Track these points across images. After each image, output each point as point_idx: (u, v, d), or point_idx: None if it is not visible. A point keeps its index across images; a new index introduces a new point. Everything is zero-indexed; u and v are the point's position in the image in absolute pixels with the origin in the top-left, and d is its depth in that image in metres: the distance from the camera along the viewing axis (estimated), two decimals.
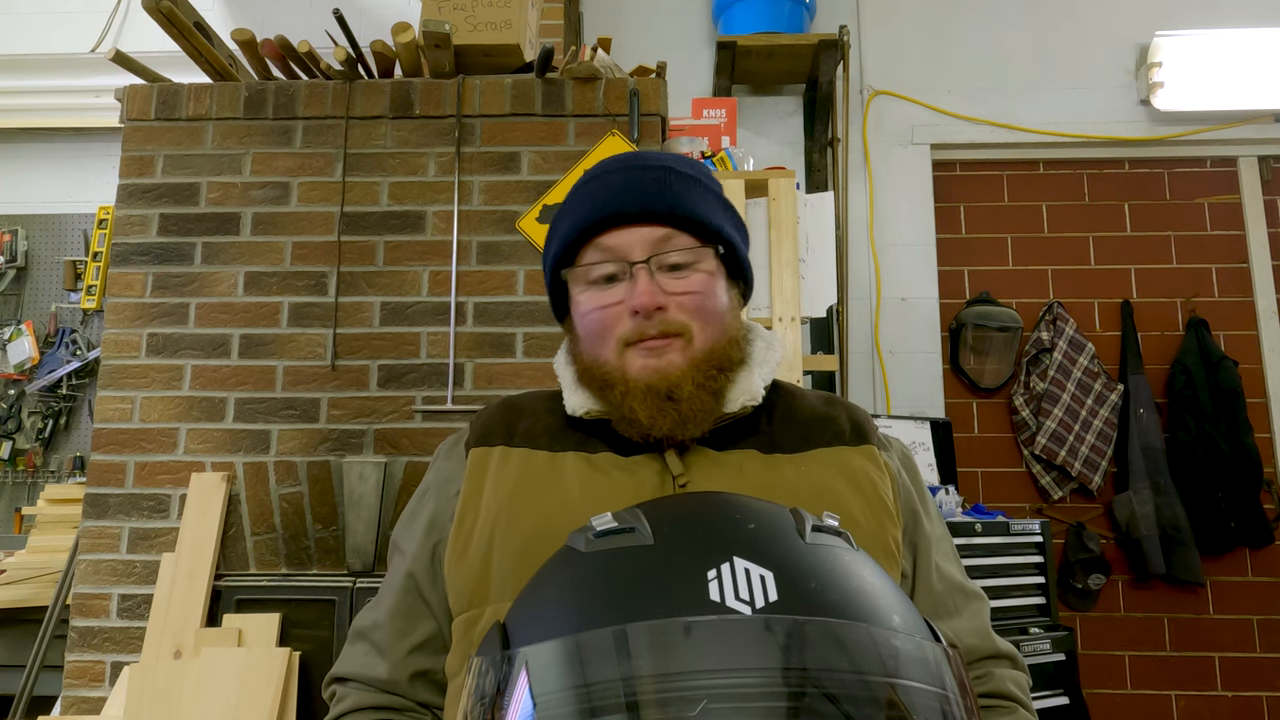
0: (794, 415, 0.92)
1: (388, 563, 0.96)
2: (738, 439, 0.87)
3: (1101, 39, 3.16)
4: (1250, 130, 3.08)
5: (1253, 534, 2.87)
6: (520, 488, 0.86)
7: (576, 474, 0.86)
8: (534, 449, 0.89)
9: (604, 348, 0.86)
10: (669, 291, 0.84)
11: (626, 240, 0.85)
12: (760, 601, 0.52)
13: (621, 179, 0.88)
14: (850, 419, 0.93)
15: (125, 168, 2.18)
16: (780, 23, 2.92)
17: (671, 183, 0.87)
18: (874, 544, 0.83)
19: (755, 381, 0.88)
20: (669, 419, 0.82)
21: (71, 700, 1.95)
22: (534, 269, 2.13)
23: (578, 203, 0.89)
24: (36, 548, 2.45)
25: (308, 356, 2.10)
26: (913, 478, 0.95)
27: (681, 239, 0.86)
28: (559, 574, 0.61)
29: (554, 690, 0.50)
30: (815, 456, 0.88)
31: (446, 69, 2.19)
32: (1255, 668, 2.87)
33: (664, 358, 0.84)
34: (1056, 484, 2.96)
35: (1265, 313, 3.06)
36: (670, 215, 0.85)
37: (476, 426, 0.94)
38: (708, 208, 0.88)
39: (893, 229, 3.06)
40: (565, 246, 0.89)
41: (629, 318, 0.84)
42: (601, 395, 0.87)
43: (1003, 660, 0.90)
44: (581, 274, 0.88)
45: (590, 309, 0.87)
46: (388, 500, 2.03)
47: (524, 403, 0.96)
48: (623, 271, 0.85)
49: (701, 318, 0.85)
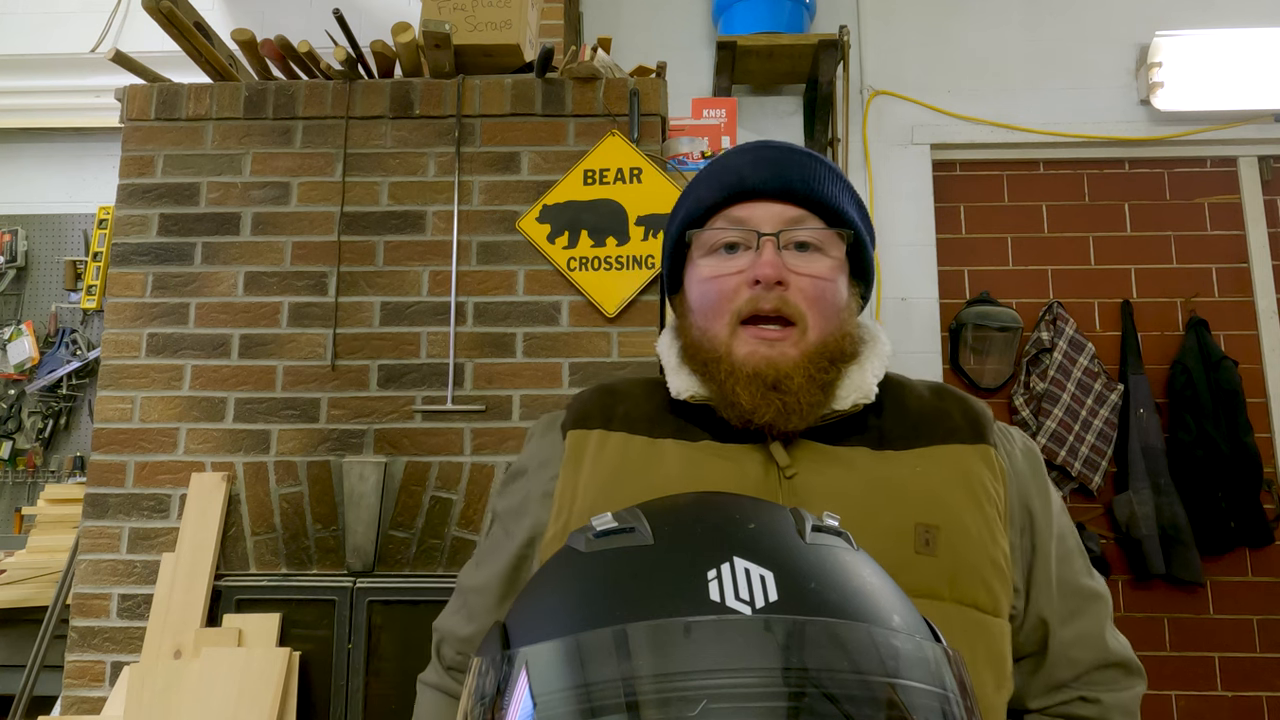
0: (904, 408, 0.88)
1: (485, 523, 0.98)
2: (845, 434, 0.84)
3: (1101, 39, 3.16)
4: (1250, 130, 3.08)
5: (1253, 534, 2.87)
6: (619, 472, 0.84)
7: (677, 460, 0.83)
8: (632, 433, 0.86)
9: (716, 320, 0.84)
10: (793, 270, 0.82)
11: (760, 214, 0.84)
12: (760, 601, 0.52)
13: (769, 155, 0.87)
14: (964, 413, 0.88)
15: (125, 168, 2.18)
16: (780, 23, 2.92)
17: (815, 169, 0.86)
18: (984, 557, 0.80)
19: (868, 378, 0.85)
20: (773, 408, 0.79)
21: (71, 700, 1.95)
22: (534, 269, 2.13)
23: (719, 172, 0.88)
24: (36, 548, 2.45)
25: (308, 356, 2.10)
26: (1034, 472, 0.89)
27: (813, 221, 0.85)
28: (559, 574, 0.61)
29: (554, 690, 0.50)
30: (928, 455, 0.83)
31: (446, 69, 2.19)
32: (1255, 668, 2.87)
33: (775, 348, 0.81)
34: (1056, 484, 2.96)
35: (1265, 313, 3.06)
36: (807, 198, 0.84)
37: (574, 409, 0.92)
38: (844, 200, 0.87)
39: (893, 229, 3.06)
40: (699, 211, 0.87)
41: (747, 289, 0.82)
42: (705, 375, 0.84)
43: (1113, 669, 0.86)
44: (709, 238, 0.86)
45: (709, 275, 0.85)
46: (388, 500, 2.03)
47: (621, 387, 0.94)
48: (749, 242, 0.84)
49: (819, 308, 0.83)
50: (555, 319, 2.11)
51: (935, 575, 0.78)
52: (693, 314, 0.87)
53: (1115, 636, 0.89)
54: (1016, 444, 0.90)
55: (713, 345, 0.83)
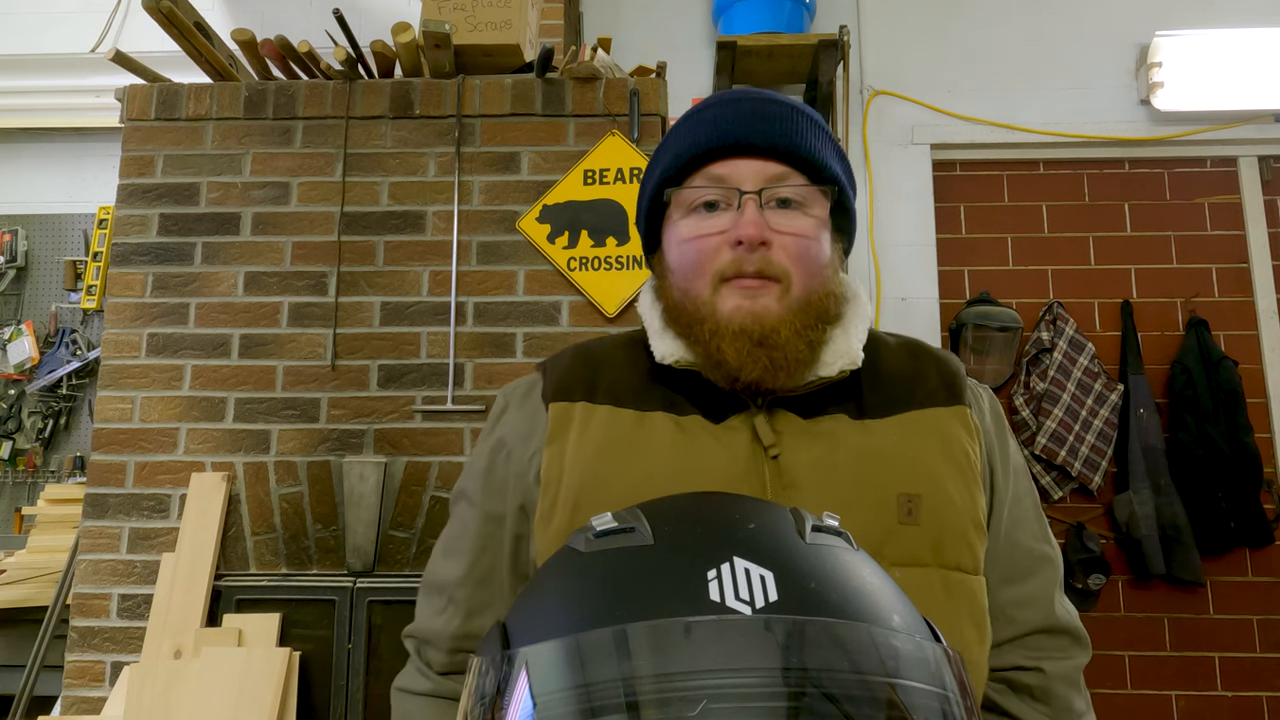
0: (881, 371, 0.86)
1: (452, 510, 0.92)
2: (826, 402, 0.82)
3: (1101, 39, 3.16)
4: (1250, 130, 3.08)
5: (1253, 534, 2.87)
6: (607, 450, 0.81)
7: (666, 439, 0.81)
8: (619, 406, 0.84)
9: (697, 280, 0.81)
10: (776, 229, 0.80)
11: (740, 170, 0.81)
12: (760, 601, 0.52)
13: (748, 109, 0.83)
14: (940, 374, 0.87)
15: (125, 168, 2.18)
16: (780, 23, 2.92)
17: (797, 121, 0.83)
18: (966, 520, 0.80)
19: (853, 343, 0.83)
20: (760, 364, 0.78)
21: (71, 700, 1.95)
22: (534, 269, 2.13)
23: (700, 124, 0.84)
24: (36, 548, 2.45)
25: (308, 356, 2.10)
26: (999, 431, 0.89)
27: (797, 178, 0.82)
28: (559, 574, 0.61)
29: (554, 690, 0.50)
30: (909, 420, 0.83)
31: (446, 69, 2.19)
32: (1255, 668, 2.87)
33: (758, 301, 0.79)
34: (1056, 484, 2.96)
35: (1265, 313, 3.06)
36: (791, 154, 0.81)
37: (553, 377, 0.89)
38: (828, 154, 0.84)
39: (893, 229, 3.06)
40: (676, 167, 0.84)
41: (729, 249, 0.80)
42: (689, 336, 0.82)
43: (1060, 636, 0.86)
44: (689, 196, 0.83)
45: (690, 236, 0.82)
46: (388, 500, 2.03)
47: (601, 352, 0.91)
48: (730, 201, 0.81)
49: (803, 265, 0.80)
50: (555, 319, 2.11)
51: (919, 543, 0.78)
52: (673, 274, 0.85)
53: (1064, 604, 0.88)
54: (985, 402, 0.90)
55: (695, 306, 0.81)
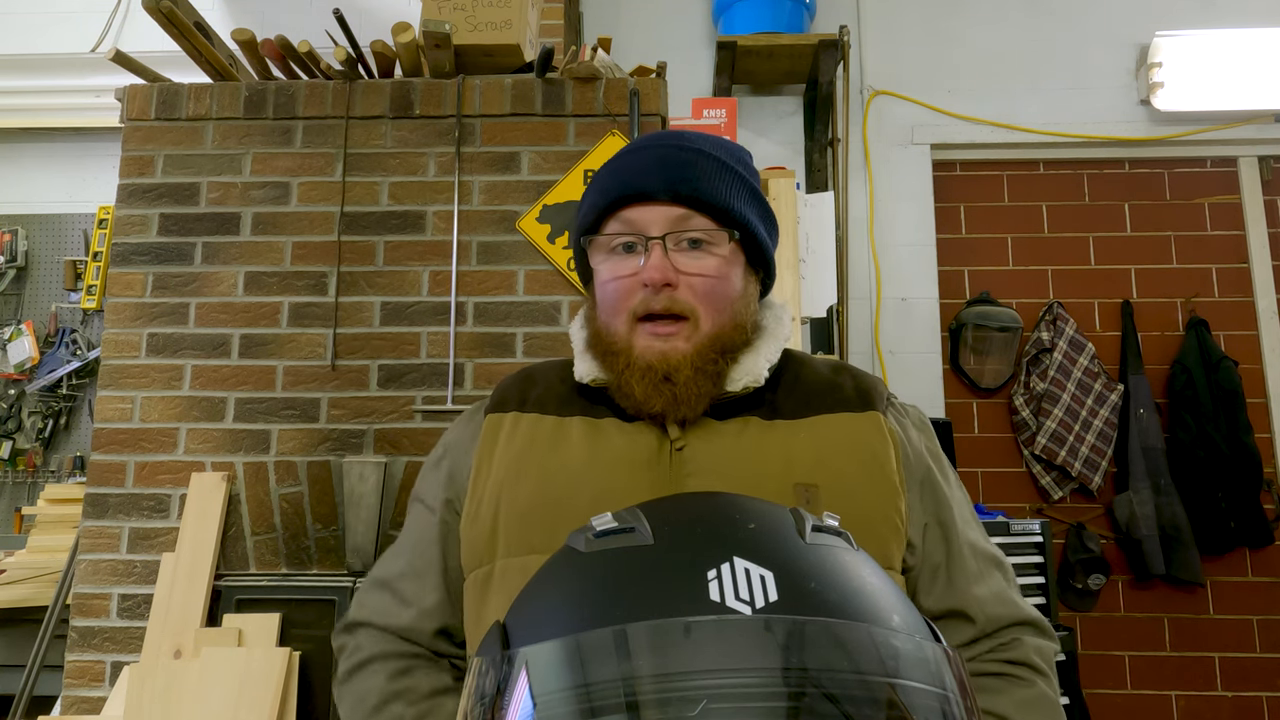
0: (799, 382, 0.94)
1: (408, 514, 1.00)
2: (740, 410, 0.90)
3: (1101, 39, 3.16)
4: (1250, 130, 3.08)
5: (1253, 534, 2.87)
6: (527, 449, 0.91)
7: (580, 436, 0.90)
8: (543, 414, 0.93)
9: (616, 318, 0.90)
10: (681, 270, 0.87)
11: (647, 216, 0.88)
12: (760, 601, 0.52)
13: (654, 156, 0.90)
14: (856, 386, 0.94)
15: (125, 168, 2.18)
16: (780, 23, 2.92)
17: (701, 165, 0.89)
18: (875, 515, 0.85)
19: (760, 363, 0.90)
20: (663, 398, 0.86)
21: (71, 700, 1.95)
22: (534, 269, 2.13)
23: (610, 175, 0.92)
24: (36, 548, 2.45)
25: (308, 356, 2.10)
26: (928, 442, 0.95)
27: (700, 220, 0.88)
28: (559, 574, 0.61)
29: (554, 690, 0.50)
30: (818, 422, 0.89)
31: (446, 69, 2.19)
32: (1255, 668, 2.87)
33: (669, 343, 0.87)
34: (1056, 484, 2.96)
35: (1265, 313, 3.06)
36: (692, 198, 0.88)
37: (495, 394, 0.99)
38: (732, 194, 0.90)
39: (893, 229, 3.06)
40: (592, 216, 0.92)
41: (640, 290, 0.87)
42: (606, 363, 0.90)
43: (1028, 627, 0.90)
44: (602, 243, 0.91)
45: (608, 278, 0.90)
46: (388, 500, 2.03)
47: (539, 372, 1.01)
48: (640, 245, 0.88)
49: (710, 302, 0.88)
50: (555, 319, 2.11)
51: None
52: (598, 308, 0.93)
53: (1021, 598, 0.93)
54: (910, 416, 0.97)
55: (613, 339, 0.90)
